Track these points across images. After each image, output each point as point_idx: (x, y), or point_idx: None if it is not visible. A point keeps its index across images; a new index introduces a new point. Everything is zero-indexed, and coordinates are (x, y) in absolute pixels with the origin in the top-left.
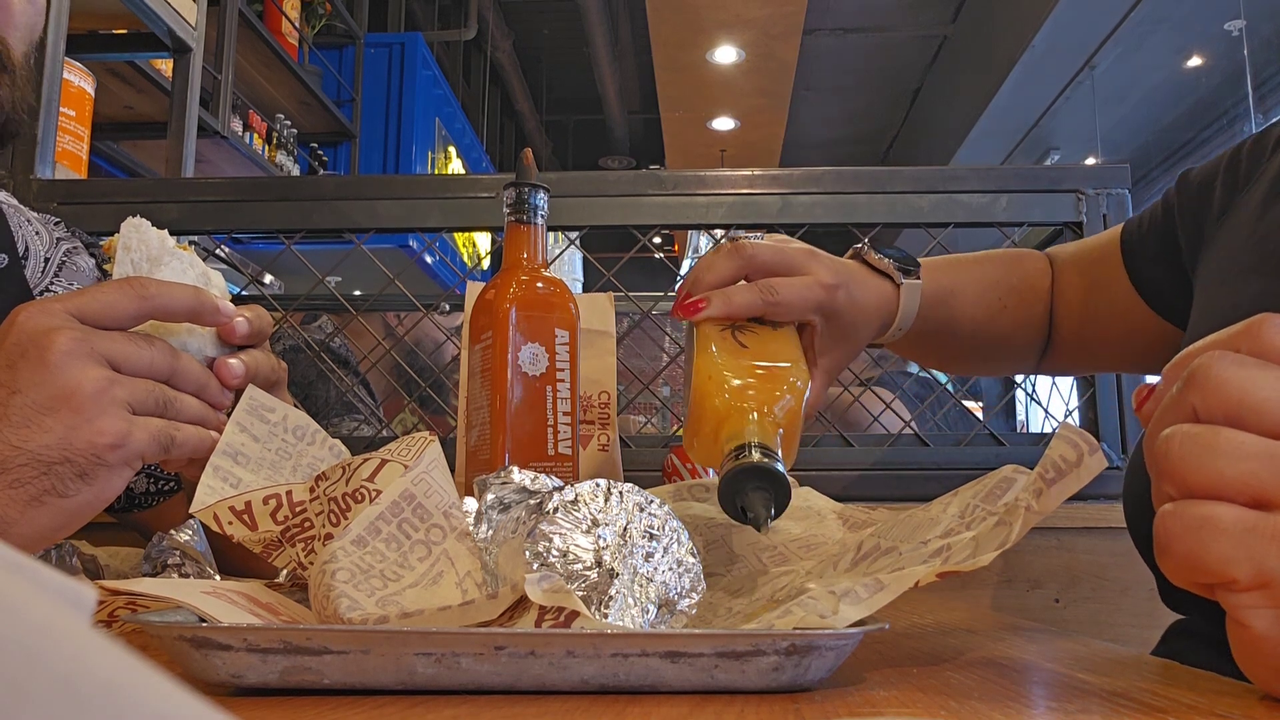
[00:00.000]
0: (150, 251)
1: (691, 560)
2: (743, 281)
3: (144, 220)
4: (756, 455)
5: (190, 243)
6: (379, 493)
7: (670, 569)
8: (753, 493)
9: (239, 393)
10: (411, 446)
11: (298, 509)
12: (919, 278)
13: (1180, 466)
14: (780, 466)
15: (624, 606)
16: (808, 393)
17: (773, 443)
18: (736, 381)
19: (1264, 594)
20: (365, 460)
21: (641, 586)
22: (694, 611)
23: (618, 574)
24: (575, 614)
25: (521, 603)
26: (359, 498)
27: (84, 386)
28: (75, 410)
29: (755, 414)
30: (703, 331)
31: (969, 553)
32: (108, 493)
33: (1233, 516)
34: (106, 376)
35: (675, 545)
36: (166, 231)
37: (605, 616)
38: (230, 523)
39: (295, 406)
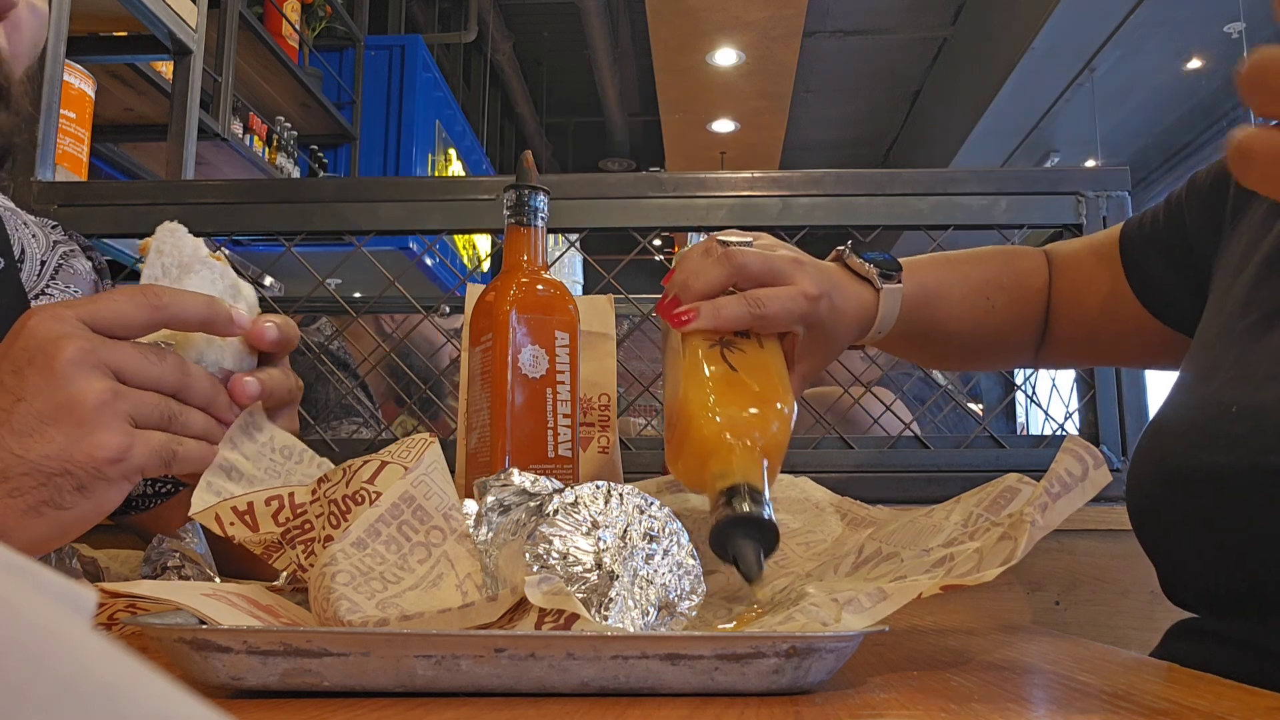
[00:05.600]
0: (182, 258)
1: (692, 562)
2: (731, 291)
3: (180, 226)
4: (748, 506)
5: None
6: (379, 495)
7: (670, 571)
8: (742, 541)
9: None
10: (412, 448)
11: (299, 511)
12: (900, 281)
13: None
14: (768, 511)
15: (624, 609)
16: (793, 419)
17: (760, 482)
18: (726, 411)
19: None
20: (365, 462)
21: (642, 589)
22: (694, 614)
23: (618, 576)
24: (575, 616)
25: (521, 605)
26: (359, 500)
27: (87, 398)
28: (77, 422)
29: (744, 445)
30: (690, 344)
31: (973, 565)
32: (105, 506)
33: None
34: (110, 388)
35: (675, 547)
36: (202, 240)
37: (605, 619)
38: (232, 523)
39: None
